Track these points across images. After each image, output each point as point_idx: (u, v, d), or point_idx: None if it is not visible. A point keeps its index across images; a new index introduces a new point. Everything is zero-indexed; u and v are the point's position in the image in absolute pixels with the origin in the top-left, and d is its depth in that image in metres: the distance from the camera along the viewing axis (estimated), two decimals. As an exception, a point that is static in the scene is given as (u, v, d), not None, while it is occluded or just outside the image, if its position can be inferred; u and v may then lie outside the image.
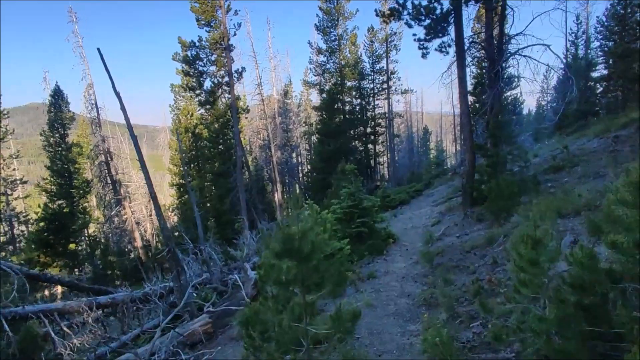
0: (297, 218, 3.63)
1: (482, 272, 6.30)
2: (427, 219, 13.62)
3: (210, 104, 21.49)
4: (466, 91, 10.80)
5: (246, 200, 22.81)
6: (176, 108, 32.72)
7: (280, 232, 3.69)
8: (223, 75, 20.65)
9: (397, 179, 34.99)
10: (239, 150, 20.10)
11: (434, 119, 69.37)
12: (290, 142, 42.59)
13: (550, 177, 10.71)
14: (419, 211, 16.41)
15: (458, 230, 9.76)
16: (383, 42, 33.24)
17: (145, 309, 10.52)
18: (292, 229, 3.63)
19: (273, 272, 3.67)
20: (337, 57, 31.60)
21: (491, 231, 8.22)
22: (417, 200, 19.60)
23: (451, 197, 15.85)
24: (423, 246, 9.45)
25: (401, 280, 7.27)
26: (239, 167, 20.17)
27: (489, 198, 9.02)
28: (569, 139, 20.31)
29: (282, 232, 3.67)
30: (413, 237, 11.04)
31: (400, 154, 47.75)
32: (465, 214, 10.54)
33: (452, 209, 12.82)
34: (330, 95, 30.53)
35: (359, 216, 10.02)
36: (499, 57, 12.37)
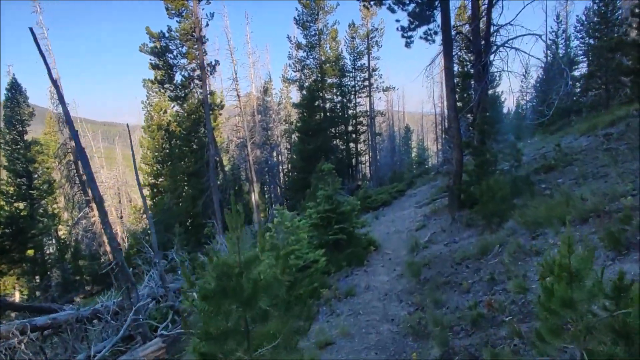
0: (238, 244, 2.58)
1: (477, 291, 5.36)
2: (410, 222, 12.72)
3: (182, 99, 20.11)
4: (453, 84, 9.93)
5: (220, 201, 21.53)
6: (149, 104, 31.08)
7: (212, 264, 2.63)
8: (195, 69, 19.30)
9: (379, 178, 34.23)
10: (212, 148, 18.82)
11: (415, 119, 69.17)
12: (270, 140, 41.35)
13: (542, 178, 9.94)
14: (402, 213, 15.53)
15: (446, 236, 8.85)
16: (364, 38, 32.40)
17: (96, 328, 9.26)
18: (230, 259, 2.57)
19: (205, 320, 2.58)
20: (317, 53, 30.57)
21: (484, 239, 7.32)
22: (399, 201, 18.75)
23: (435, 199, 15.02)
24: (408, 255, 8.51)
25: (384, 298, 6.27)
26: (212, 167, 18.90)
27: (479, 201, 8.13)
28: (552, 137, 19.85)
29: (216, 264, 2.61)
30: (396, 243, 10.10)
31: (382, 153, 47.14)
32: (453, 218, 9.66)
33: (438, 211, 11.94)
34: (310, 92, 29.47)
35: (337, 221, 9.01)
36: (486, 48, 11.57)
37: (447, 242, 8.21)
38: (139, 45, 18.93)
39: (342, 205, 9.18)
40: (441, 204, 13.10)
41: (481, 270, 6.00)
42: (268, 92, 44.03)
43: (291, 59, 31.44)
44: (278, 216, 6.87)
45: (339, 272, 8.26)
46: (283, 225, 6.90)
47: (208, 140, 18.99)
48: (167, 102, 25.21)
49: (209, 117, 18.96)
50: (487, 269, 5.95)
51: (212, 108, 20.89)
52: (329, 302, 6.34)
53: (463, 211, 10.01)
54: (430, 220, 11.24)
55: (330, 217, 8.96)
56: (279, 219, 6.87)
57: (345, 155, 33.26)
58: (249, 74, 35.92)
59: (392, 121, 55.14)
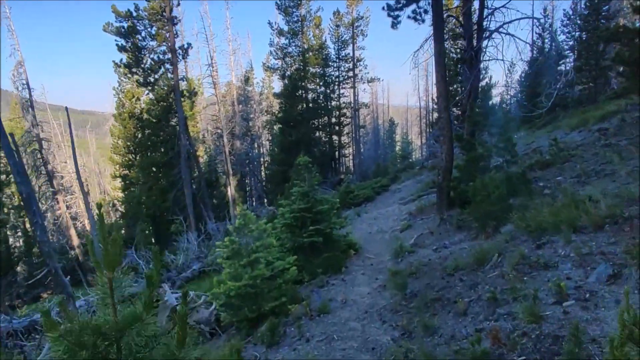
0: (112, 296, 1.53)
1: (477, 314, 4.42)
2: (394, 220, 11.80)
3: (151, 85, 18.62)
4: (444, 70, 8.97)
5: (194, 195, 20.24)
6: (120, 91, 29.27)
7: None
8: (165, 52, 17.83)
9: (362, 172, 33.37)
10: (184, 138, 17.49)
11: (399, 112, 68.62)
12: (251, 132, 39.95)
13: (538, 175, 9.11)
14: (386, 210, 14.63)
15: (434, 240, 7.93)
16: (349, 26, 31.26)
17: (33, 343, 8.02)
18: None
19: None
20: (299, 40, 29.26)
21: (478, 244, 6.41)
22: (383, 197, 17.86)
23: (421, 195, 14.15)
24: (392, 260, 7.55)
25: (364, 317, 5.28)
26: (183, 158, 17.58)
27: (472, 201, 7.21)
28: (539, 132, 19.23)
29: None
30: (379, 245, 9.15)
31: (366, 146, 46.34)
32: (442, 219, 8.75)
33: (424, 210, 11.04)
34: (292, 82, 28.22)
35: (313, 222, 7.97)
36: (479, 34, 10.65)
37: (436, 246, 7.27)
38: (103, 25, 17.33)
39: (320, 203, 8.14)
40: (428, 202, 12.22)
41: (479, 285, 5.06)
42: (249, 81, 42.47)
43: (273, 46, 30.06)
44: (240, 218, 5.78)
45: (314, 280, 7.24)
46: (246, 229, 5.82)
47: (179, 129, 17.63)
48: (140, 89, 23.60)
49: (180, 105, 17.59)
50: (485, 283, 5.02)
51: (184, 95, 19.47)
52: (299, 321, 5.30)
53: (453, 210, 9.12)
54: (416, 219, 10.32)
55: (305, 217, 7.91)
56: (242, 221, 5.79)
57: (328, 147, 32.22)
58: (229, 62, 34.39)
59: (376, 114, 54.36)
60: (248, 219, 5.79)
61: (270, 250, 6.02)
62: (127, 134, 25.82)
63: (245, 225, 5.82)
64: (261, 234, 5.91)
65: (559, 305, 3.80)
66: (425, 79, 51.09)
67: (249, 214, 5.79)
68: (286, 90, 28.57)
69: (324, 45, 30.66)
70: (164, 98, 18.72)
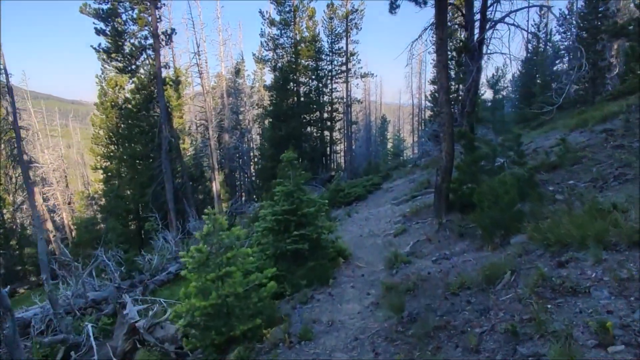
0: None
1: (492, 351, 3.58)
2: (388, 222, 10.98)
3: (132, 72, 17.47)
4: (446, 59, 8.12)
5: (176, 189, 19.20)
6: (104, 79, 27.94)
7: None
8: (146, 37, 16.69)
9: (353, 169, 32.56)
10: (165, 129, 16.42)
11: (391, 109, 68.00)
12: (241, 125, 38.87)
13: (545, 178, 8.34)
14: (378, 210, 13.82)
15: (433, 248, 7.10)
16: (343, 19, 30.32)
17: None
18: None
19: None
20: (291, 31, 28.22)
21: (485, 257, 5.61)
22: (374, 196, 17.04)
23: (415, 195, 13.37)
24: (385, 271, 6.71)
25: (353, 346, 4.42)
26: (164, 150, 16.53)
27: (478, 206, 6.39)
28: (535, 133, 18.58)
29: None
30: (371, 251, 8.30)
31: (358, 143, 45.57)
32: (440, 224, 7.93)
33: (420, 212, 10.22)
34: (283, 74, 27.22)
35: (298, 225, 7.09)
36: (482, 24, 9.83)
37: (436, 257, 6.44)
38: (80, 6, 16.10)
39: (306, 204, 7.26)
40: (423, 203, 11.42)
41: (491, 310, 4.23)
42: (240, 73, 41.35)
43: (264, 37, 28.93)
44: (209, 222, 4.87)
45: (297, 293, 6.36)
46: (216, 236, 4.91)
47: (161, 119, 16.56)
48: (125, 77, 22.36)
49: (162, 93, 16.51)
50: (499, 309, 4.19)
51: (167, 83, 18.36)
52: (275, 350, 4.43)
53: (452, 215, 8.31)
54: (411, 223, 9.50)
55: (289, 220, 7.02)
56: (211, 227, 4.87)
57: (319, 143, 31.31)
58: (219, 53, 33.24)
59: (368, 110, 53.64)
60: (218, 224, 4.88)
61: (244, 262, 5.12)
62: (109, 124, 24.57)
63: (215, 232, 4.91)
64: (234, 242, 5.00)
65: (603, 349, 2.99)
66: (418, 76, 50.51)
67: (219, 218, 4.87)
68: (277, 83, 27.56)
69: (317, 37, 29.67)
70: (145, 86, 17.59)
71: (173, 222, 16.98)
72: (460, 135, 7.92)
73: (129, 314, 6.30)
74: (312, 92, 30.62)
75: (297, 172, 7.34)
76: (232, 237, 4.97)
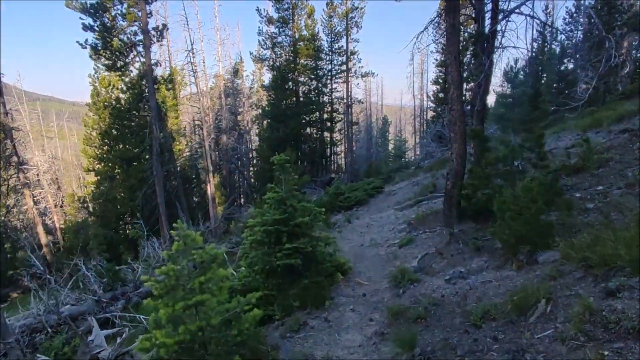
0: None
1: (537, 416, 2.72)
2: (391, 231, 10.11)
3: (120, 70, 16.65)
4: (458, 49, 7.26)
5: (170, 193, 18.36)
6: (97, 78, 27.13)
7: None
8: (136, 32, 15.87)
9: (354, 171, 31.70)
10: (156, 129, 15.58)
11: (392, 111, 67.28)
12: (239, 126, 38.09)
13: (569, 183, 7.48)
14: (380, 215, 12.97)
15: (446, 264, 6.22)
16: (343, 17, 29.51)
17: None
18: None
19: None
20: (290, 29, 27.41)
21: (509, 278, 4.74)
22: (376, 200, 16.17)
23: (420, 200, 12.51)
24: (390, 290, 5.85)
25: (353, 396, 3.56)
26: (155, 152, 15.68)
27: (497, 216, 5.52)
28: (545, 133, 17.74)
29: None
30: (373, 265, 7.43)
31: (359, 144, 44.75)
32: (452, 235, 7.06)
33: (426, 220, 9.35)
34: (281, 73, 26.40)
35: (291, 237, 6.23)
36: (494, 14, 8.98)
37: (450, 275, 5.56)
38: (66, 0, 15.29)
39: (300, 213, 6.39)
40: (429, 209, 10.55)
41: (526, 354, 3.36)
42: (239, 73, 40.58)
43: (261, 35, 28.11)
44: (179, 239, 4.01)
45: (288, 317, 5.49)
46: (189, 255, 4.05)
47: (151, 119, 15.72)
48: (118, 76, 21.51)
49: (152, 92, 15.67)
50: (537, 351, 3.32)
51: (159, 81, 17.54)
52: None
53: (464, 224, 7.44)
54: (418, 231, 8.62)
55: (280, 232, 6.16)
56: (181, 244, 4.01)
57: (319, 144, 30.46)
58: (217, 52, 32.46)
59: (369, 111, 52.85)
60: (190, 241, 4.02)
61: (222, 286, 4.25)
62: (102, 124, 23.76)
63: (186, 251, 4.05)
64: (210, 262, 4.14)
65: None
66: (420, 76, 49.75)
67: (191, 233, 4.01)
68: (275, 82, 26.74)
69: (316, 36, 28.88)
70: (135, 85, 16.76)
71: (164, 227, 16.13)
72: (474, 135, 7.06)
73: (95, 340, 5.44)
74: (312, 92, 29.82)
75: (290, 176, 6.47)
76: (207, 256, 4.10)
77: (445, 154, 22.72)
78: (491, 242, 6.22)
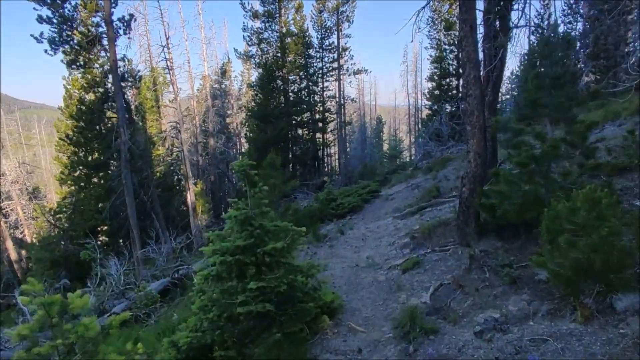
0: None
1: None
2: (391, 246, 8.47)
3: (81, 66, 14.92)
4: (474, 18, 5.56)
5: (143, 203, 16.63)
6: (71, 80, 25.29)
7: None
8: (98, 24, 14.15)
9: (348, 173, 30.07)
10: (125, 133, 13.84)
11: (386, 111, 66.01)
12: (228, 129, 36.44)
13: (619, 186, 5.89)
14: (377, 225, 11.34)
15: (471, 304, 4.54)
16: (333, 11, 27.94)
17: None
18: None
19: None
20: (277, 24, 25.78)
21: (577, 336, 3.13)
22: (372, 206, 14.53)
23: (423, 207, 10.88)
24: (396, 343, 4.19)
25: None
26: (123, 158, 13.93)
27: (544, 239, 3.90)
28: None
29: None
30: (372, 296, 5.77)
31: (352, 145, 43.17)
32: (472, 257, 5.43)
33: (433, 232, 7.70)
34: (268, 70, 24.72)
35: (260, 269, 4.58)
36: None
37: (481, 325, 3.89)
38: (19, -12, 13.56)
39: (273, 236, 4.74)
40: (435, 218, 8.92)
41: None
42: (226, 74, 38.96)
43: (247, 31, 26.44)
44: (40, 309, 2.34)
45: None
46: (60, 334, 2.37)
47: (119, 122, 13.98)
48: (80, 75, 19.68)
49: (119, 91, 13.94)
50: None
51: (127, 79, 15.81)
52: None
53: (485, 241, 5.81)
54: (425, 249, 6.96)
55: (244, 264, 4.49)
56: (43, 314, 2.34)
57: (311, 146, 28.79)
58: (202, 51, 30.75)
59: (363, 111, 51.38)
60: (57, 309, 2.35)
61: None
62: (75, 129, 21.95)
63: (57, 325, 2.37)
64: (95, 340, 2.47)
65: None
66: (414, 74, 48.38)
67: (56, 299, 2.35)
68: (261, 80, 25.07)
69: (305, 32, 27.29)
70: (98, 83, 15.03)
71: (136, 243, 14.37)
72: (500, 127, 5.44)
73: None
74: (302, 91, 28.19)
75: (257, 188, 4.81)
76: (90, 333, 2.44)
77: (445, 153, 21.20)
78: (529, 270, 4.60)
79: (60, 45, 13.97)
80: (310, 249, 10.62)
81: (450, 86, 28.33)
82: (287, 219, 13.34)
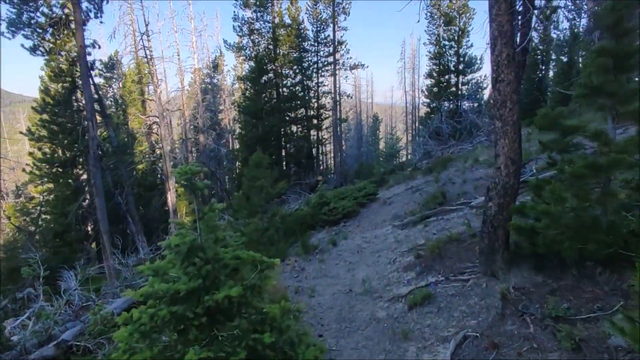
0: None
1: None
2: (392, 264, 7.08)
3: (46, 52, 13.38)
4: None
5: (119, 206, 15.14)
6: (50, 71, 23.63)
7: None
8: (64, 4, 12.61)
9: (344, 172, 28.73)
10: (93, 129, 12.36)
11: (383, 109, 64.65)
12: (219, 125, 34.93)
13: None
14: (375, 234, 9.98)
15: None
16: (329, 2, 26.50)
17: None
18: None
19: None
20: (269, 14, 24.27)
21: None
22: (369, 211, 13.15)
23: (427, 215, 9.51)
24: None
25: None
26: (92, 156, 12.45)
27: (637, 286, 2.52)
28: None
29: None
30: (368, 343, 4.38)
31: (348, 143, 41.81)
32: (505, 297, 4.05)
33: (444, 252, 6.30)
34: (259, 63, 23.24)
35: (213, 323, 3.17)
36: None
37: None
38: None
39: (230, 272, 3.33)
40: (442, 231, 7.54)
41: None
42: (219, 68, 37.41)
43: (237, 21, 24.89)
44: None
45: None
46: None
47: (87, 116, 12.49)
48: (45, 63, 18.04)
49: (88, 81, 12.43)
50: None
51: (97, 68, 14.28)
52: None
53: (517, 271, 4.43)
54: (435, 273, 5.57)
55: (187, 320, 3.07)
56: None
57: (305, 143, 27.35)
58: (191, 43, 29.20)
59: (359, 109, 50.05)
60: None
61: None
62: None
63: None
64: None
65: None
66: (411, 72, 47.07)
67: None
68: (252, 74, 23.59)
69: (300, 25, 25.83)
70: (65, 72, 13.50)
71: (107, 250, 12.91)
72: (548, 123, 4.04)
73: None
74: (296, 86, 26.72)
75: (211, 207, 3.39)
76: None
77: (445, 153, 19.88)
78: (594, 327, 3.22)
79: (22, 28, 12.38)
80: (298, 264, 9.27)
81: (449, 83, 27.22)
82: (274, 225, 11.99)
